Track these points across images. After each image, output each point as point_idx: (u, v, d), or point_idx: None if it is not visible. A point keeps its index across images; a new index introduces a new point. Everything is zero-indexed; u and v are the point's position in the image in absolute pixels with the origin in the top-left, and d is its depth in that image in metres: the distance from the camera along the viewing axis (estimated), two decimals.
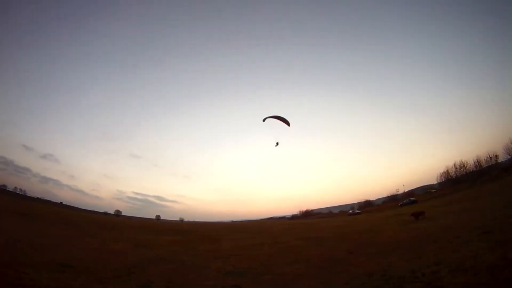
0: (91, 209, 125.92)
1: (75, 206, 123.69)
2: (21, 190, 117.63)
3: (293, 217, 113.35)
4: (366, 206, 78.72)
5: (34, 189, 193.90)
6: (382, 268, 9.08)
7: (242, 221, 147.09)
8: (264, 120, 19.31)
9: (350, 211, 76.29)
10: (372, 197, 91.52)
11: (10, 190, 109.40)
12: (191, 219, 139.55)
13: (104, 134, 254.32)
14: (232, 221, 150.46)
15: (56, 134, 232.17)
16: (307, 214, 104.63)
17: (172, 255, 16.56)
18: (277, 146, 21.04)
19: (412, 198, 55.80)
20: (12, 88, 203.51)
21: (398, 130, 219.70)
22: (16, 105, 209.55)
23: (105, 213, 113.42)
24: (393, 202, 69.17)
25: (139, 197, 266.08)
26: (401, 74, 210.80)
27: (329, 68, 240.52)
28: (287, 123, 19.14)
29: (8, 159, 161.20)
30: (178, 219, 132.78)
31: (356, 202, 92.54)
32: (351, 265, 10.88)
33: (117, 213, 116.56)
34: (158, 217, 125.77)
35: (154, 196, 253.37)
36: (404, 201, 55.60)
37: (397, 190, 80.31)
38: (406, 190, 76.89)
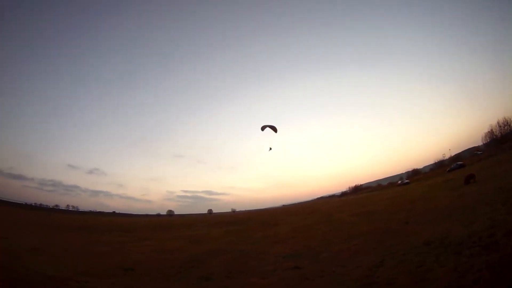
0: (144, 213, 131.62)
1: (127, 213, 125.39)
2: (73, 207, 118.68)
3: (343, 194, 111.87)
4: (414, 175, 75.30)
5: (86, 204, 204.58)
6: (439, 235, 8.98)
7: (293, 204, 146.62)
8: (262, 129, 21.08)
9: (399, 182, 74.30)
10: (419, 165, 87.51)
11: (63, 208, 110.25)
12: (242, 209, 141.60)
13: (144, 139, 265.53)
14: (283, 205, 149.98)
15: (98, 148, 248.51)
16: (357, 190, 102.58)
17: (230, 246, 17.18)
18: (270, 150, 23.44)
19: (459, 162, 52.65)
20: (49, 113, 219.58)
21: (438, 95, 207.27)
22: (55, 127, 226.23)
23: (158, 215, 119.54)
24: (441, 168, 65.62)
25: (188, 194, 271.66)
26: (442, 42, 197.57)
27: (372, 45, 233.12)
28: (275, 130, 21.18)
29: (56, 181, 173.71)
30: (230, 210, 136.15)
31: (404, 172, 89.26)
32: (408, 235, 10.85)
33: (170, 213, 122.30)
34: (210, 211, 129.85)
35: (204, 191, 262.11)
36: (452, 166, 52.80)
37: (444, 156, 76.33)
38: (453, 155, 72.87)
